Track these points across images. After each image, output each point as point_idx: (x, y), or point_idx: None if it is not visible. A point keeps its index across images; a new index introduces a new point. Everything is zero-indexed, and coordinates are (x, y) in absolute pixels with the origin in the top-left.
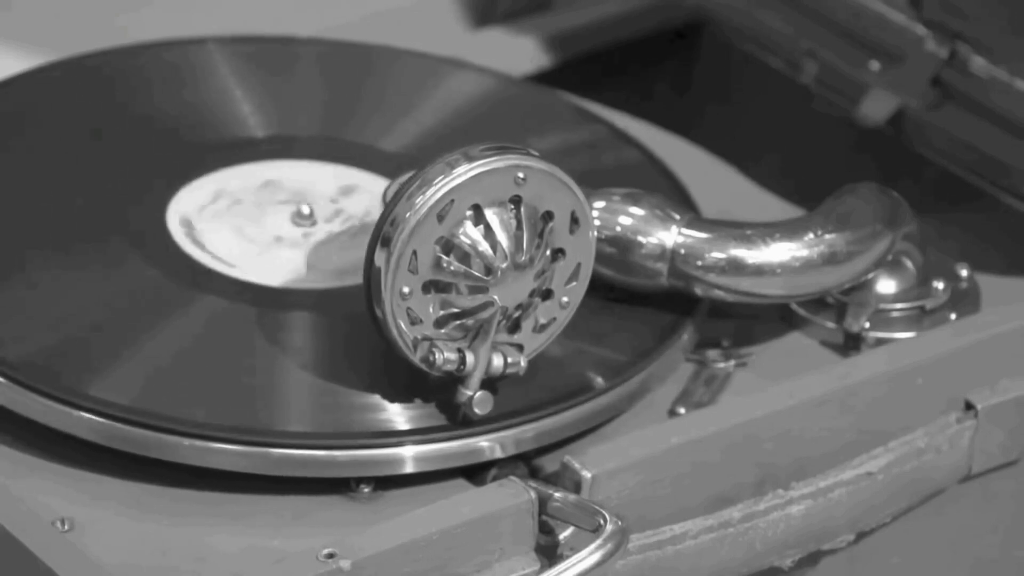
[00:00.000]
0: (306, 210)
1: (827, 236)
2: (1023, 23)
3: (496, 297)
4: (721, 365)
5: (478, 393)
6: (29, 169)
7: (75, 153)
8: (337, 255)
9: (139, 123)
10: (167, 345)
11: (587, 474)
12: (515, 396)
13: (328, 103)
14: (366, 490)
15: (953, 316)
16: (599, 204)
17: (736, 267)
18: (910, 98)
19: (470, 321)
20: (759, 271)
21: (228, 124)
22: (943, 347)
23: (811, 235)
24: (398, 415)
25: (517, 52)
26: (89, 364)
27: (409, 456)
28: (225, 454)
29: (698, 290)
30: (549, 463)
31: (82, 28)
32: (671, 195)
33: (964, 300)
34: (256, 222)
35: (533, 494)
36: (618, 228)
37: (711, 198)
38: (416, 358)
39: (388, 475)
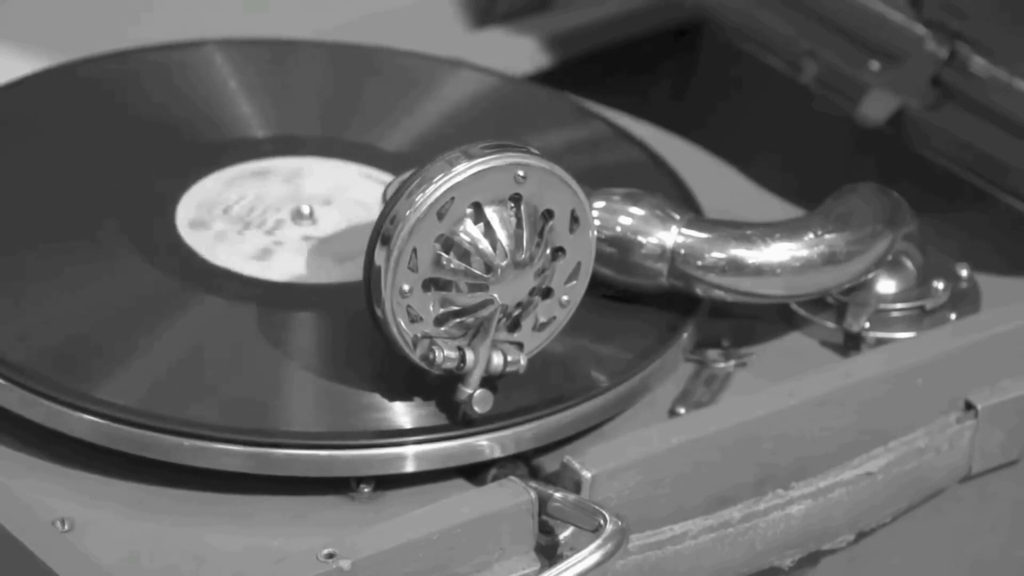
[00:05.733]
0: (306, 210)
1: (827, 236)
2: (1023, 23)
3: (496, 295)
4: (721, 365)
5: (478, 391)
6: (32, 171)
7: (77, 155)
8: (337, 254)
9: (140, 125)
10: (167, 345)
11: (587, 474)
12: (515, 395)
13: (328, 104)
14: (366, 490)
15: (953, 316)
16: (599, 204)
17: (736, 267)
18: (910, 98)
19: (470, 319)
20: (759, 271)
21: (228, 125)
22: (943, 347)
23: (811, 235)
24: (398, 414)
25: (517, 52)
26: (89, 365)
27: (409, 456)
28: (225, 454)
29: (698, 290)
30: (549, 463)
31: (83, 32)
32: (672, 195)
33: (964, 300)
34: (256, 222)
35: (533, 494)
36: (618, 228)
37: (711, 198)
38: (416, 356)
39: (388, 475)
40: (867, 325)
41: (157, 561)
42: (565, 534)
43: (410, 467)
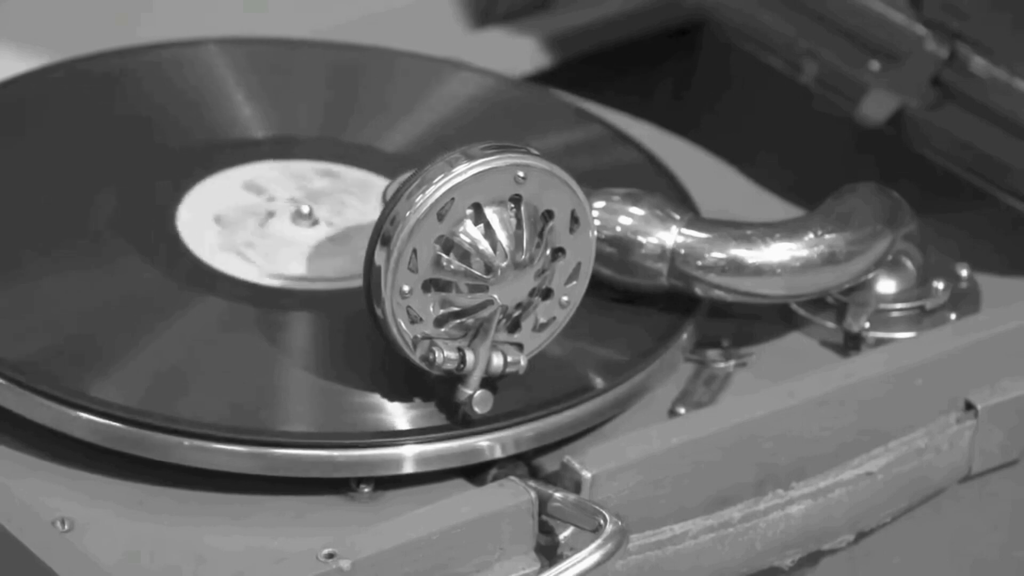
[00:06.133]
0: (306, 210)
1: (827, 236)
2: (1023, 23)
3: (496, 296)
4: (721, 365)
5: (478, 392)
6: (30, 169)
7: (76, 154)
8: (337, 254)
9: (139, 124)
10: (167, 345)
11: (587, 474)
12: (515, 396)
13: (328, 104)
14: (366, 490)
15: (953, 316)
16: (599, 204)
17: (736, 267)
18: (910, 98)
19: (470, 320)
20: (759, 271)
21: (228, 125)
22: (943, 347)
23: (811, 235)
24: (398, 415)
25: (517, 52)
26: (89, 364)
27: (409, 456)
28: (225, 454)
29: (698, 290)
30: (549, 463)
31: (83, 29)
32: (671, 195)
33: (964, 300)
34: (256, 222)
35: (533, 494)
36: (618, 228)
37: (711, 198)
38: (416, 357)
39: (388, 475)
40: (867, 325)
41: (157, 561)
42: (565, 534)
43: (410, 467)
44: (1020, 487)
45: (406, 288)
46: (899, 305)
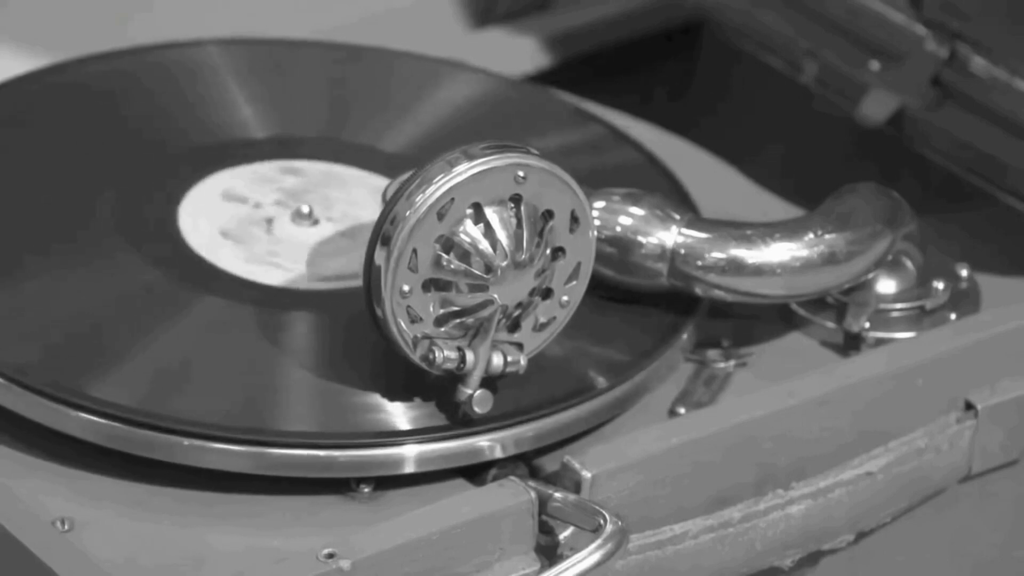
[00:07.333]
0: (306, 209)
1: (827, 236)
2: (1023, 23)
3: (496, 295)
4: (721, 365)
5: (478, 392)
6: (31, 171)
7: (76, 155)
8: (337, 254)
9: (139, 125)
10: (167, 345)
11: (587, 474)
12: (515, 396)
13: (328, 104)
14: (366, 490)
15: (953, 316)
16: (599, 204)
17: (736, 267)
18: (910, 98)
19: (470, 319)
20: (759, 271)
21: (228, 126)
22: (943, 347)
23: (811, 235)
24: (398, 415)
25: (517, 52)
26: (89, 364)
27: (409, 456)
28: (225, 454)
29: (698, 290)
30: (549, 463)
31: (83, 30)
32: (671, 195)
33: (964, 300)
34: (255, 222)
35: (533, 494)
36: (618, 228)
37: (711, 198)
38: (416, 356)
39: (388, 475)
40: (867, 325)
41: (157, 561)
42: (565, 534)
43: (410, 468)
44: (1020, 487)
45: (406, 288)
46: (899, 305)
